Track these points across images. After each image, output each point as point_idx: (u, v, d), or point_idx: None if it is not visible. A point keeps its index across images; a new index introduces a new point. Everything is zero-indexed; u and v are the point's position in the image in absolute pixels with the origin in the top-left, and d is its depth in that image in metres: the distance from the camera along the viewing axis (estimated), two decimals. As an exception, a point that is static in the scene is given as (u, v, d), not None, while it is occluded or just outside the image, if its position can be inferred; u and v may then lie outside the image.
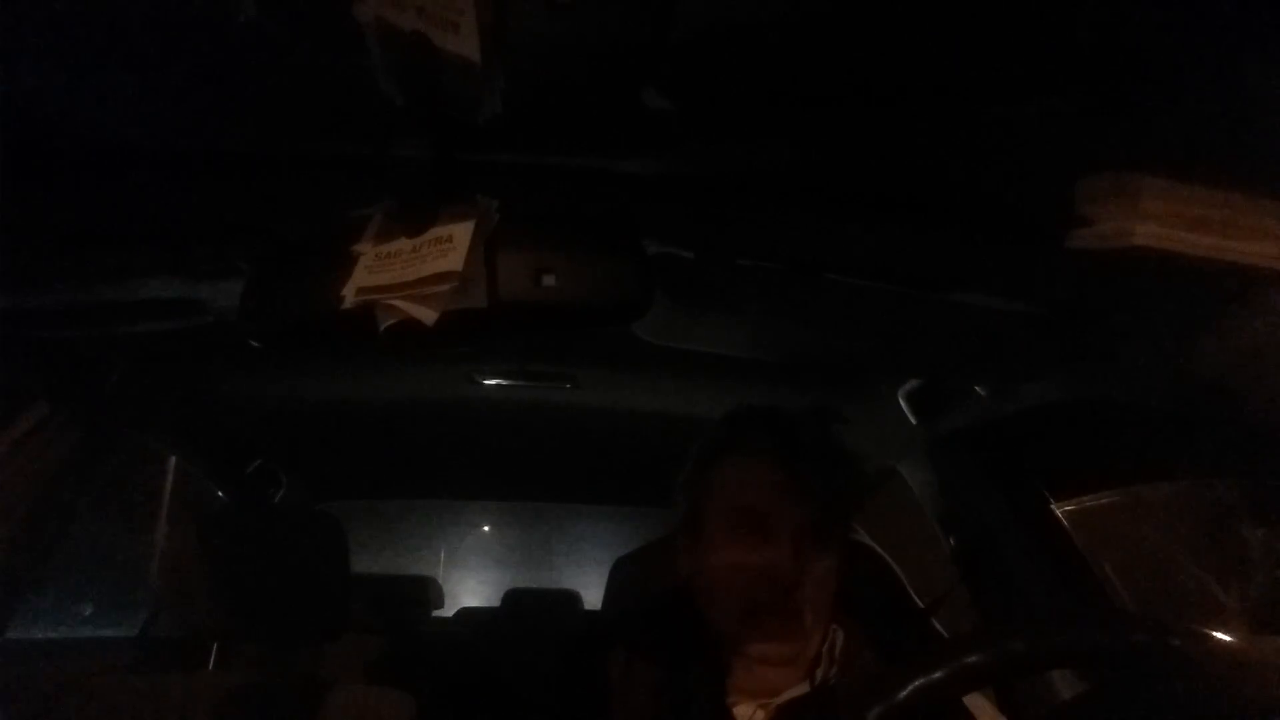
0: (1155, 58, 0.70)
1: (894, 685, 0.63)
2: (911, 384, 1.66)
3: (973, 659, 0.64)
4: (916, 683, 0.63)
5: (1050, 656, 0.66)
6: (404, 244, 0.82)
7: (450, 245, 0.80)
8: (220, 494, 2.37)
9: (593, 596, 2.81)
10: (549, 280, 0.84)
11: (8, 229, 0.89)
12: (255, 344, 0.94)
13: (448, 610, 2.88)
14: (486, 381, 1.80)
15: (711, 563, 1.05)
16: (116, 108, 0.81)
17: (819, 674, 1.05)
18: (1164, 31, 0.67)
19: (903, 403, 1.69)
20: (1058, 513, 1.61)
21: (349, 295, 0.82)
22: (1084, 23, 0.67)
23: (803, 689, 1.05)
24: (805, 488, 1.02)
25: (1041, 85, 0.75)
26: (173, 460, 2.24)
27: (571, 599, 2.87)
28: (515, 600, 2.86)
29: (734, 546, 1.02)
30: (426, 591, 2.74)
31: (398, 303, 0.81)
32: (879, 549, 1.59)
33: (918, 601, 1.63)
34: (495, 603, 2.95)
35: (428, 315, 0.80)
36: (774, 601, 1.00)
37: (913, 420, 1.69)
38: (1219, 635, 0.69)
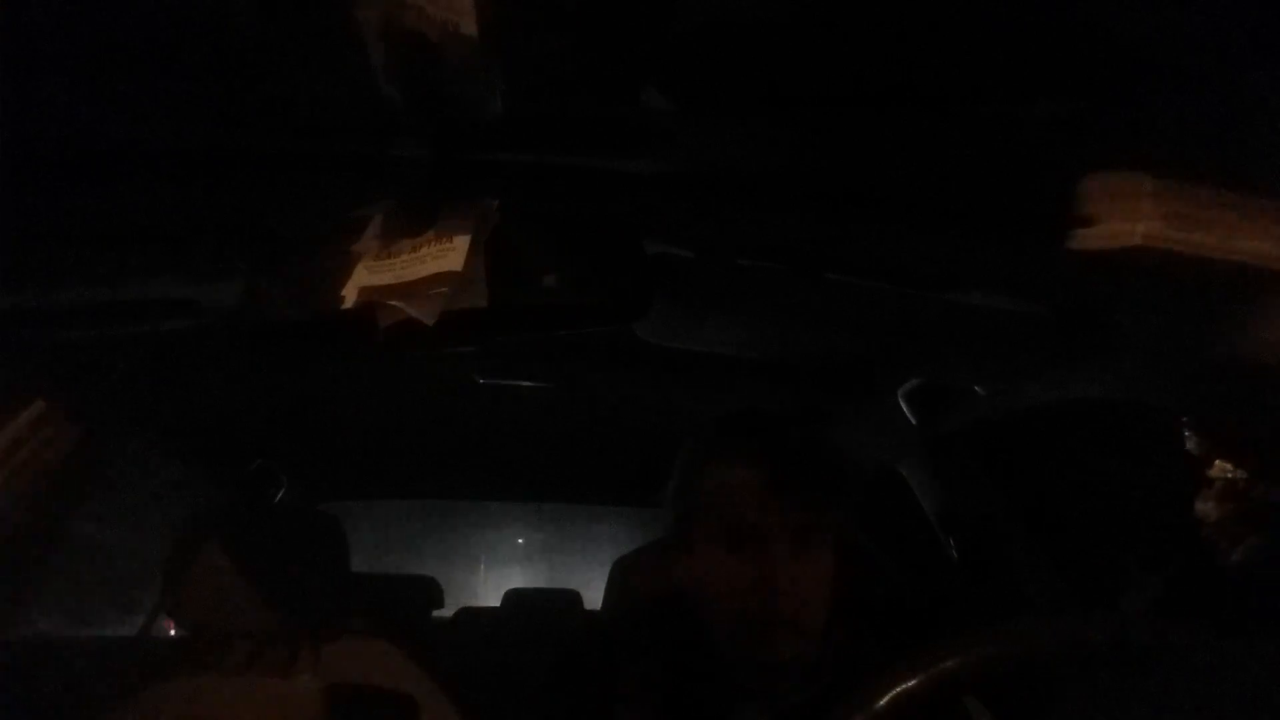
0: (1155, 58, 0.70)
1: (873, 694, 0.63)
2: (911, 384, 1.66)
3: (950, 663, 0.64)
4: (894, 690, 0.63)
5: (1029, 657, 0.66)
6: (404, 244, 0.83)
7: (450, 245, 0.80)
8: (220, 494, 2.37)
9: (593, 596, 2.80)
10: (549, 280, 0.84)
11: (8, 229, 0.89)
12: (255, 344, 0.94)
13: (448, 610, 2.87)
14: (486, 381, 1.80)
15: (704, 580, 1.04)
16: (117, 108, 0.81)
17: (820, 676, 1.05)
18: (1163, 31, 0.67)
19: (903, 403, 1.69)
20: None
21: (349, 295, 0.82)
22: (1085, 23, 0.67)
23: (804, 692, 1.05)
24: (795, 492, 1.01)
25: (1042, 86, 0.75)
26: (173, 460, 2.24)
27: (571, 599, 2.87)
28: (515, 600, 2.86)
29: (725, 563, 1.01)
30: (426, 591, 2.74)
31: (398, 303, 0.81)
32: (877, 549, 1.59)
33: (918, 601, 1.63)
34: (493, 602, 2.95)
35: (428, 315, 0.80)
36: (771, 610, 0.99)
37: (913, 420, 1.69)
38: (1207, 633, 0.69)
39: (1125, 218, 0.79)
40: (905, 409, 1.69)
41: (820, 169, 0.89)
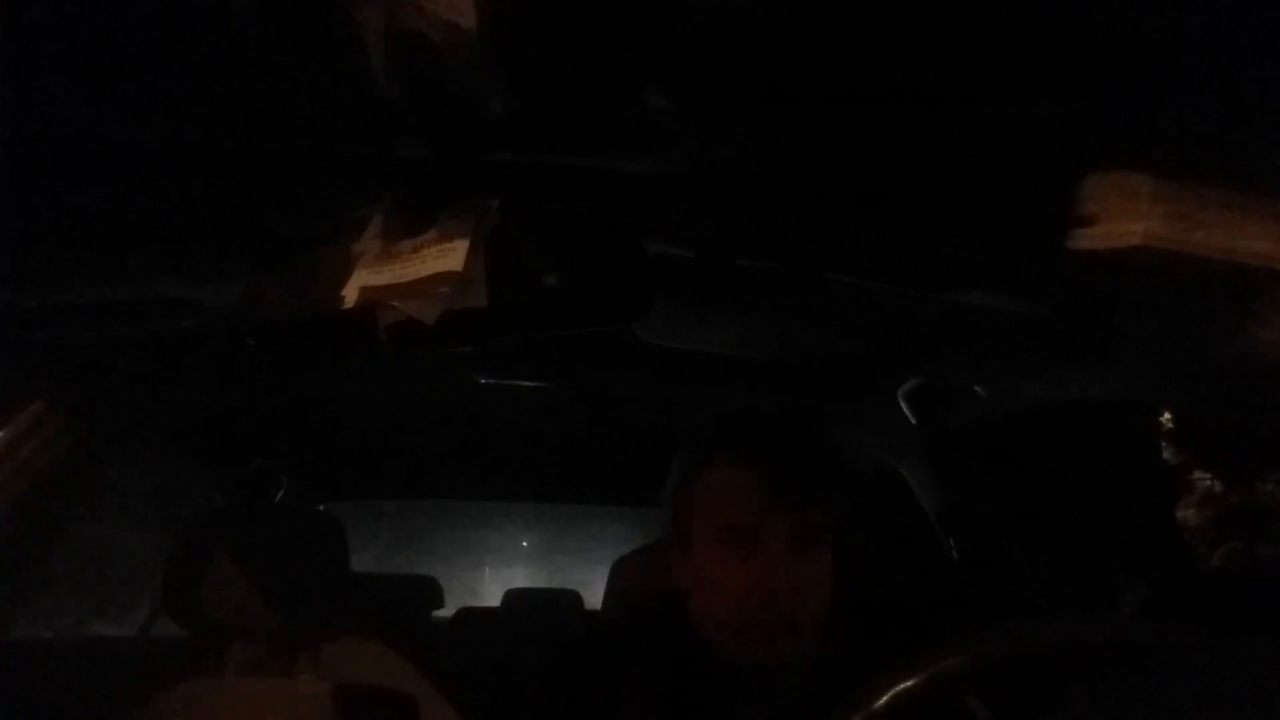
0: (1155, 58, 0.70)
1: (871, 694, 0.63)
2: (911, 384, 1.66)
3: (950, 663, 0.64)
4: (893, 690, 0.63)
5: (1029, 657, 0.66)
6: (404, 244, 0.83)
7: (450, 245, 0.80)
8: (220, 494, 2.37)
9: (593, 596, 2.81)
10: (549, 281, 0.84)
11: (8, 229, 0.89)
12: (253, 343, 0.94)
13: (448, 610, 2.87)
14: (486, 381, 1.80)
15: (702, 581, 1.04)
16: (117, 107, 0.81)
17: (820, 676, 1.05)
18: (1164, 31, 0.67)
19: (903, 403, 1.69)
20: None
21: (349, 295, 0.82)
22: (1085, 23, 0.67)
23: (804, 691, 1.05)
24: (790, 493, 1.01)
25: (1043, 86, 0.75)
26: (173, 460, 2.24)
27: (572, 599, 2.87)
28: (515, 600, 2.86)
29: (723, 565, 1.01)
30: (426, 591, 2.74)
31: (398, 303, 0.81)
32: (876, 549, 1.59)
33: (918, 602, 1.63)
34: (495, 603, 2.95)
35: (428, 315, 0.80)
36: (769, 613, 0.99)
37: (913, 420, 1.69)
38: (1207, 633, 0.69)
39: (1125, 218, 0.79)
40: (905, 409, 1.69)
41: (820, 169, 0.89)
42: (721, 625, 1.02)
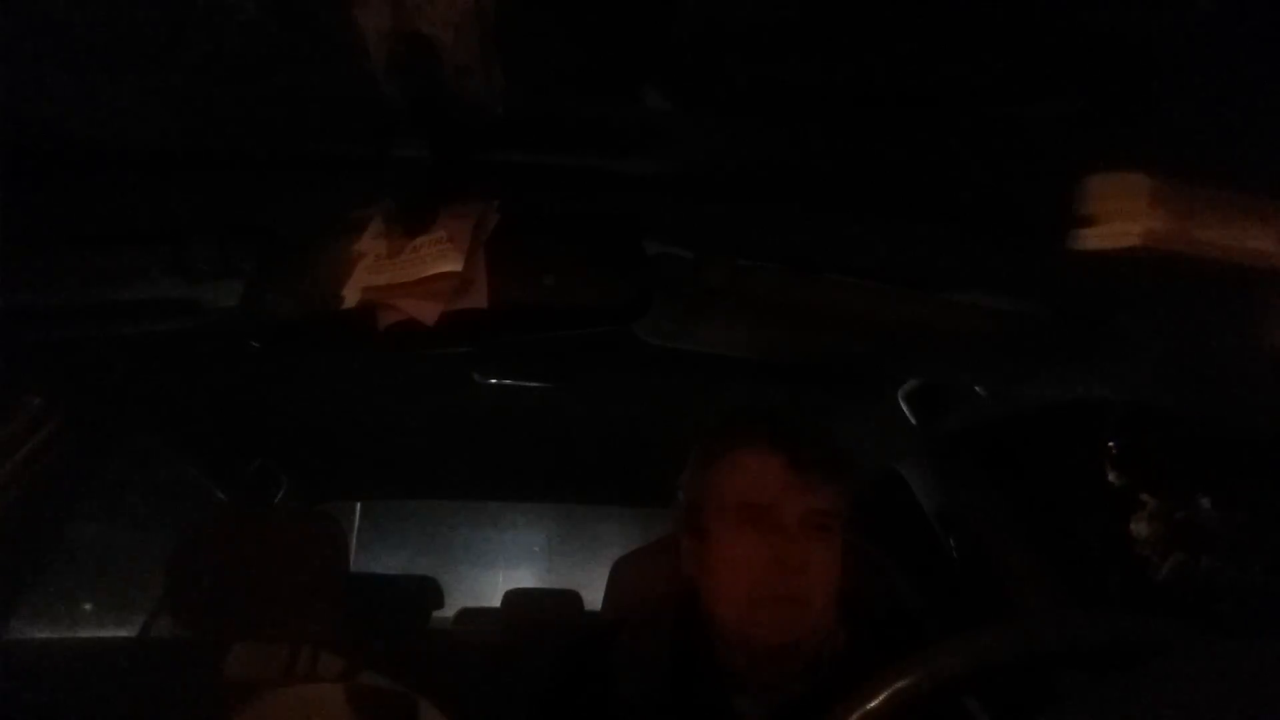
0: (1156, 58, 0.70)
1: (869, 693, 0.63)
2: (911, 384, 1.66)
3: (949, 663, 0.64)
4: (891, 689, 0.63)
5: (1032, 658, 0.66)
6: (404, 244, 0.83)
7: (450, 245, 0.80)
8: (220, 494, 2.37)
9: (593, 596, 2.81)
10: (549, 280, 0.84)
11: (8, 229, 0.89)
12: (255, 344, 0.94)
13: (448, 610, 2.87)
14: (486, 381, 1.80)
15: (716, 560, 1.06)
16: (117, 108, 0.81)
17: (819, 674, 1.05)
18: (1164, 32, 0.67)
19: (903, 403, 1.69)
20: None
21: (349, 295, 0.82)
22: (1086, 24, 0.67)
23: (803, 689, 1.05)
24: (805, 478, 1.04)
25: (1044, 87, 0.75)
26: (173, 460, 2.24)
27: (572, 599, 2.87)
28: (515, 600, 2.86)
29: (740, 539, 1.04)
30: (426, 592, 2.74)
31: (398, 303, 0.81)
32: (879, 550, 1.59)
33: (918, 602, 1.63)
34: (495, 603, 2.95)
35: (428, 315, 0.80)
36: (781, 588, 1.01)
37: (913, 420, 1.69)
38: (1208, 633, 0.69)
39: (1125, 218, 0.79)
40: (905, 409, 1.69)
41: (820, 169, 0.89)
42: (734, 602, 1.03)
